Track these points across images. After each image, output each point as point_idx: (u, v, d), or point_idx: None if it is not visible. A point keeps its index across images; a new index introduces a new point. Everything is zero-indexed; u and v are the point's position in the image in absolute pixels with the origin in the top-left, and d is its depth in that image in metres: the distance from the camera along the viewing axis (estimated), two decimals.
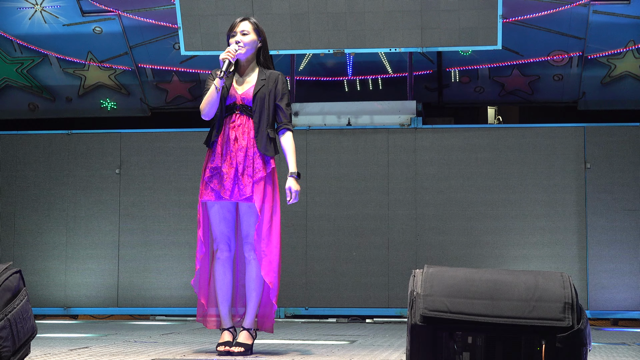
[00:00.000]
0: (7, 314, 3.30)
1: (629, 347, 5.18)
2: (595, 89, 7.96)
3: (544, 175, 7.13)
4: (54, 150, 7.57)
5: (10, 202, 7.56)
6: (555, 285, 3.12)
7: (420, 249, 7.16)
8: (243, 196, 4.39)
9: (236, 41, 4.50)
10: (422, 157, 7.24)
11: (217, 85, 4.41)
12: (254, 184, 4.40)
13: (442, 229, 7.16)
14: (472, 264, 7.05)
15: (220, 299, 4.52)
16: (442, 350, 3.07)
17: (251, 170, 4.41)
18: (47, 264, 7.47)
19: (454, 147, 7.23)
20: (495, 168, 7.17)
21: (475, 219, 7.14)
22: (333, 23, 7.29)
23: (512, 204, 7.13)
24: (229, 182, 4.40)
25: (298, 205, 7.26)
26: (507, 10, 7.37)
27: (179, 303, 7.33)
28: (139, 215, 7.43)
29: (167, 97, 8.43)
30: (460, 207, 7.16)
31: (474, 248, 7.12)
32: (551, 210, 7.09)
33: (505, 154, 7.18)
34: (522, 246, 7.09)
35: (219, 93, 4.43)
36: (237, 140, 4.44)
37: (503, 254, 7.09)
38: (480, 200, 7.15)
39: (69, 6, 7.98)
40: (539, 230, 7.09)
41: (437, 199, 7.19)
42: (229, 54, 4.43)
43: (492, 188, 7.16)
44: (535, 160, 7.15)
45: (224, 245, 4.51)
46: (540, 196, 7.11)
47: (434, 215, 7.18)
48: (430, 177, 7.21)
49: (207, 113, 4.47)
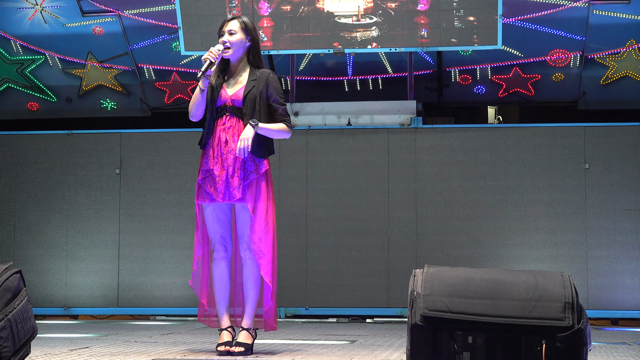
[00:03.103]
0: (7, 314, 3.30)
1: (629, 346, 5.18)
2: (595, 89, 7.96)
3: (544, 175, 7.13)
4: (54, 151, 7.57)
5: (10, 203, 7.56)
6: (555, 285, 3.12)
7: (420, 248, 7.16)
8: (234, 198, 4.39)
9: (222, 41, 4.47)
10: (422, 157, 7.24)
11: (201, 85, 4.39)
12: (245, 186, 4.39)
13: (442, 228, 7.16)
14: (472, 263, 7.05)
15: (218, 300, 4.53)
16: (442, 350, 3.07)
17: (241, 172, 4.39)
18: (48, 264, 7.47)
19: (454, 147, 7.23)
20: (495, 168, 7.17)
21: (475, 219, 7.14)
22: (333, 23, 7.29)
23: (512, 203, 7.13)
24: (221, 184, 4.40)
25: (298, 206, 7.26)
26: (507, 10, 7.37)
27: (179, 303, 7.33)
28: (139, 215, 7.43)
29: (167, 97, 8.43)
30: (460, 207, 7.16)
31: (474, 248, 7.12)
32: (551, 210, 7.09)
33: (505, 154, 7.17)
34: (522, 246, 7.09)
35: (203, 94, 4.41)
36: (228, 143, 4.42)
37: (503, 254, 7.09)
38: (480, 200, 7.15)
39: (69, 6, 7.98)
40: (539, 230, 7.09)
41: (437, 199, 7.19)
42: (211, 55, 4.38)
43: (492, 188, 7.16)
44: (535, 160, 7.15)
45: (220, 245, 4.51)
46: (541, 196, 7.11)
47: (434, 215, 7.18)
48: (430, 177, 7.21)
49: (194, 114, 4.48)
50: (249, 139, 4.34)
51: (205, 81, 4.39)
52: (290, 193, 7.26)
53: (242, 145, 4.34)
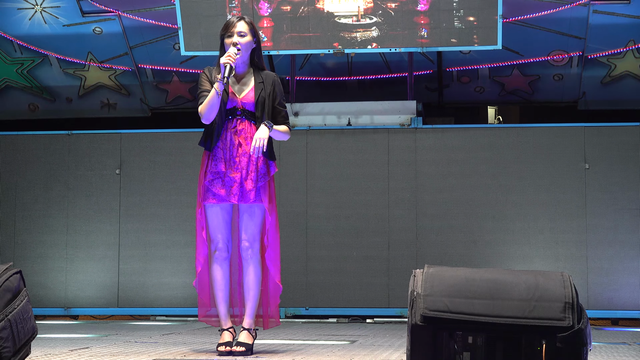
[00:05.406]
0: (7, 315, 3.30)
1: (629, 346, 5.19)
2: (596, 89, 7.96)
3: (544, 175, 7.13)
4: (54, 151, 7.57)
5: (10, 203, 7.56)
6: (555, 285, 3.12)
7: (420, 248, 7.16)
8: (249, 200, 4.42)
9: (233, 43, 4.47)
10: (422, 157, 7.24)
11: (217, 90, 4.37)
12: (259, 187, 4.42)
13: (442, 228, 7.16)
14: (473, 263, 7.05)
15: (219, 300, 4.54)
16: (442, 350, 3.07)
17: (255, 175, 4.42)
18: (48, 265, 7.48)
19: (454, 147, 7.23)
20: (495, 168, 7.17)
21: (475, 219, 7.14)
22: (333, 23, 7.29)
23: (512, 203, 7.13)
24: (236, 187, 4.41)
25: (298, 205, 7.26)
26: (507, 10, 7.37)
27: (179, 303, 7.33)
28: (139, 216, 7.43)
29: (167, 98, 8.43)
30: (460, 207, 7.16)
31: (474, 248, 7.12)
32: (551, 210, 7.09)
33: (505, 154, 7.18)
34: (522, 246, 7.09)
35: (219, 98, 4.40)
36: (242, 146, 4.44)
37: (503, 254, 7.09)
38: (480, 200, 7.15)
39: (69, 7, 7.98)
40: (539, 229, 7.09)
41: (437, 199, 7.19)
42: (230, 59, 4.37)
43: (492, 188, 7.16)
44: (535, 160, 7.15)
45: (223, 245, 4.53)
46: (541, 196, 7.11)
47: (434, 215, 7.18)
48: (430, 177, 7.21)
49: (208, 117, 4.44)
50: (264, 139, 4.36)
51: (222, 85, 4.37)
52: (291, 193, 7.26)
53: (257, 144, 4.35)
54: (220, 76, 4.35)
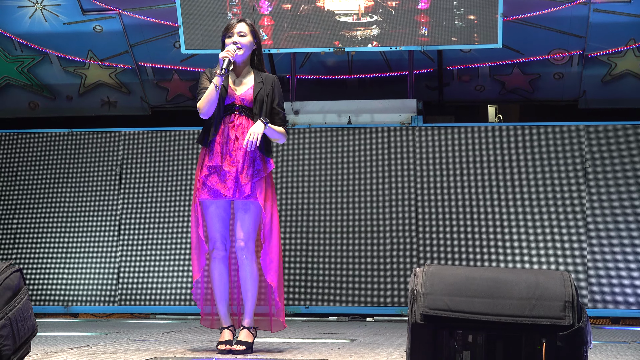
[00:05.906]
0: (7, 313, 3.30)
1: (629, 345, 5.19)
2: (596, 88, 7.96)
3: (544, 174, 7.13)
4: (54, 149, 7.57)
5: (10, 201, 7.56)
6: (555, 284, 3.12)
7: (420, 247, 7.16)
8: (243, 195, 4.41)
9: (234, 42, 4.51)
10: (422, 156, 7.24)
11: (216, 84, 4.42)
12: (255, 183, 4.42)
13: (443, 227, 7.16)
14: (473, 262, 7.05)
15: (218, 298, 4.54)
16: (442, 349, 3.07)
17: (251, 170, 4.43)
18: (48, 263, 7.47)
19: (454, 146, 7.23)
20: (495, 166, 7.17)
21: (475, 218, 7.14)
22: (334, 21, 7.29)
23: (512, 202, 7.13)
24: (230, 180, 4.42)
25: (298, 204, 7.26)
26: (508, 8, 7.37)
27: (179, 301, 7.33)
28: (139, 214, 7.43)
29: (168, 96, 8.43)
30: (460, 206, 7.16)
31: (474, 246, 7.12)
32: (552, 209, 7.09)
33: (506, 152, 7.18)
34: (522, 244, 7.09)
35: (218, 92, 4.44)
36: (238, 140, 4.46)
37: (503, 253, 7.10)
38: (480, 199, 7.15)
39: (70, 5, 7.98)
40: (539, 228, 7.09)
41: (437, 198, 7.19)
42: (229, 53, 4.45)
43: (493, 186, 7.16)
44: (535, 158, 7.15)
45: (220, 244, 4.53)
46: (541, 195, 7.11)
47: (435, 213, 7.18)
48: (430, 176, 7.21)
49: (207, 112, 4.47)
50: (259, 134, 4.38)
51: (221, 79, 4.41)
52: (291, 191, 7.26)
53: (251, 138, 4.37)
54: (219, 70, 4.40)
